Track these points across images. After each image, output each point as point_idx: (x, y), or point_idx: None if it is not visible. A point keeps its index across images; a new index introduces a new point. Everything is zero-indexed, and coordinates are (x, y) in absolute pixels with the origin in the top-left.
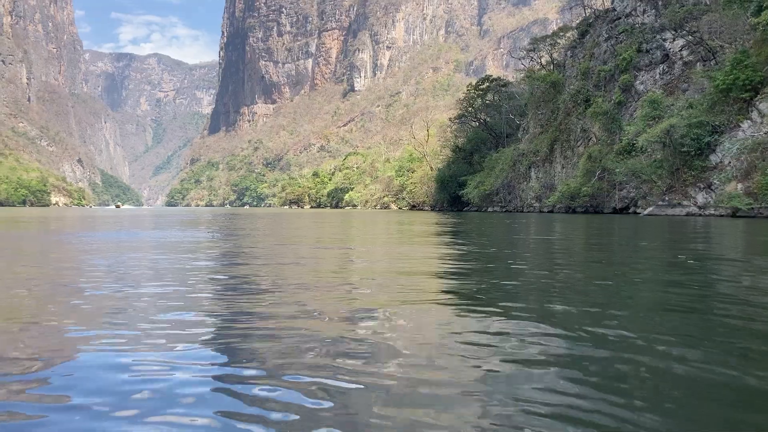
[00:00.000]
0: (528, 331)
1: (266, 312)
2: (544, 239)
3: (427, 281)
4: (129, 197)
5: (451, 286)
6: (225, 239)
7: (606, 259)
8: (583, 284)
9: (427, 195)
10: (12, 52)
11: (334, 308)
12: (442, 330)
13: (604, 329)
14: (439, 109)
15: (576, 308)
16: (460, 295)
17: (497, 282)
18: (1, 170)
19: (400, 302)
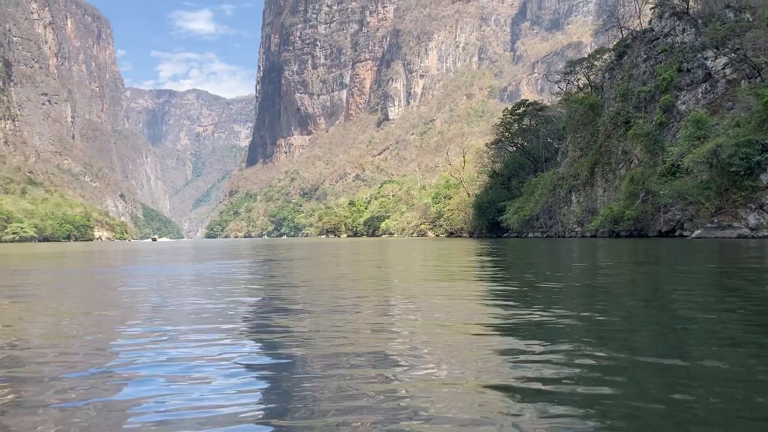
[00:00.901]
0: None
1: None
2: (611, 271)
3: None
4: (170, 230)
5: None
6: (269, 276)
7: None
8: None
9: (464, 221)
10: (57, 92)
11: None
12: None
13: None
14: (474, 136)
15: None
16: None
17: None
18: (47, 206)
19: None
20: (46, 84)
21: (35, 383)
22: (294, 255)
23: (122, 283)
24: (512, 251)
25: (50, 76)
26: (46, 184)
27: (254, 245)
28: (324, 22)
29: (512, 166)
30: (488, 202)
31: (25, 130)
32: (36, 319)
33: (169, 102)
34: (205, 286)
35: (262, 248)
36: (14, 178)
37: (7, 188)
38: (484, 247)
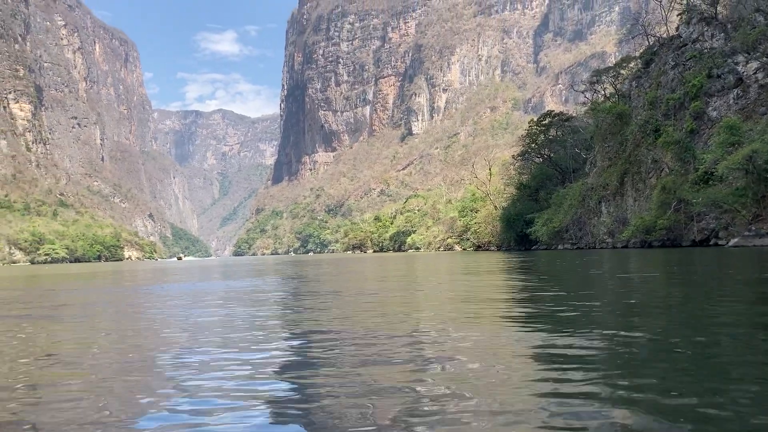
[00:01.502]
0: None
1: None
2: (659, 286)
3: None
4: (198, 249)
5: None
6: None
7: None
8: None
9: (492, 235)
10: (87, 115)
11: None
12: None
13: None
14: (499, 148)
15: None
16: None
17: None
18: (78, 227)
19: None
20: (76, 108)
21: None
22: (319, 273)
23: (153, 304)
24: (545, 264)
25: (80, 99)
26: (77, 205)
27: (280, 262)
28: (346, 39)
29: (539, 178)
30: (516, 214)
31: (56, 153)
32: (70, 338)
33: (195, 122)
34: (234, 305)
35: (288, 265)
36: (46, 201)
37: (39, 210)
38: (514, 261)
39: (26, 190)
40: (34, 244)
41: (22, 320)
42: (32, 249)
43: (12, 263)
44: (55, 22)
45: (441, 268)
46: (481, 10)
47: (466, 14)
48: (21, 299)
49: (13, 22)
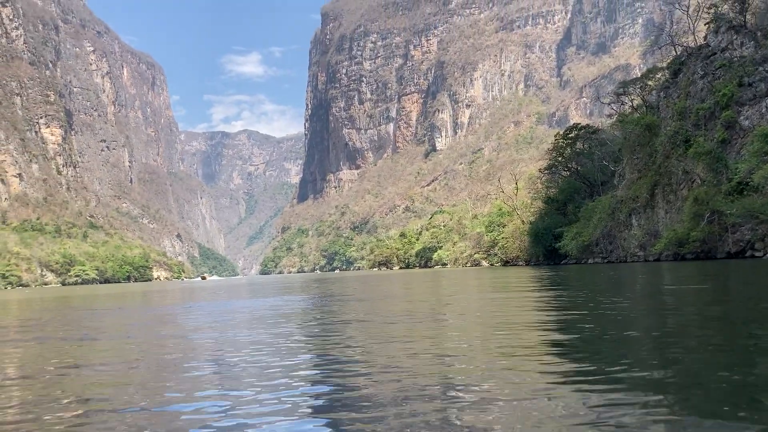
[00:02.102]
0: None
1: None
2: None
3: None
4: (225, 268)
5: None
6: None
7: None
8: None
9: (520, 249)
10: (115, 138)
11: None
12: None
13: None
14: (525, 162)
15: None
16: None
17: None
18: (108, 249)
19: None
20: (105, 131)
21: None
22: (345, 291)
23: (185, 329)
24: (581, 278)
25: (108, 123)
26: (106, 227)
27: (306, 280)
28: (369, 58)
29: (567, 191)
30: (544, 228)
31: (86, 176)
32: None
33: (221, 143)
34: (262, 327)
35: (314, 283)
36: (76, 223)
37: (69, 233)
38: (546, 276)
39: (57, 213)
40: (65, 265)
41: (58, 342)
42: (63, 270)
43: (44, 284)
44: (84, 48)
45: (469, 285)
46: (502, 25)
47: (488, 30)
48: (53, 322)
49: (44, 50)
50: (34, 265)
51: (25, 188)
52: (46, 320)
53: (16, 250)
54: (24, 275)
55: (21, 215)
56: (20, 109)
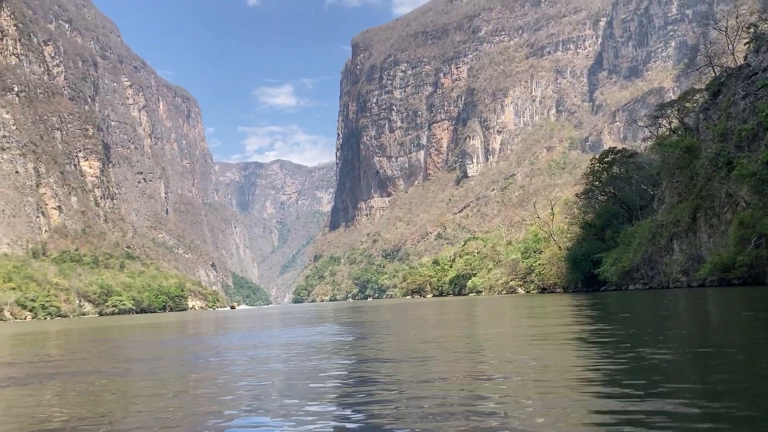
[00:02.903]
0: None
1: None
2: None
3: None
4: (258, 297)
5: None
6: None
7: None
8: None
9: (557, 276)
10: (152, 170)
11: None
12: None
13: None
14: (559, 188)
15: None
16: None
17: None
18: (144, 279)
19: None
20: (142, 163)
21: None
22: (377, 321)
23: (217, 361)
24: (628, 307)
25: (145, 155)
26: (143, 257)
27: (338, 309)
28: (399, 87)
29: (605, 216)
30: (582, 254)
31: (123, 207)
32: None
33: (255, 173)
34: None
35: (347, 312)
36: (113, 254)
37: (107, 263)
38: (588, 304)
39: (95, 244)
40: (102, 296)
41: (92, 376)
42: (101, 301)
43: (82, 315)
44: (122, 83)
45: (506, 314)
46: (532, 52)
47: (518, 57)
48: (90, 352)
49: (83, 85)
50: (72, 296)
51: (65, 220)
52: (96, 353)
53: (56, 281)
54: (63, 306)
55: (60, 246)
56: (60, 143)
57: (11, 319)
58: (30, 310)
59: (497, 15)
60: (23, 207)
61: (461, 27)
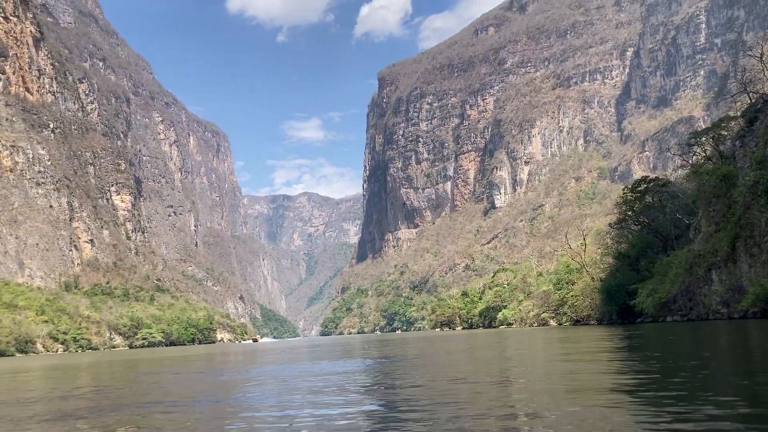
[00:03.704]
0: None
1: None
2: None
3: None
4: (286, 329)
5: None
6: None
7: None
8: None
9: (591, 308)
10: (182, 204)
11: None
12: None
13: None
14: (590, 218)
15: None
16: None
17: None
18: (173, 311)
19: None
20: (172, 197)
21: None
22: (405, 355)
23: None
24: (670, 341)
25: (175, 189)
26: (173, 290)
27: (366, 342)
28: (425, 119)
29: (639, 246)
30: (617, 285)
31: (154, 241)
32: None
33: (282, 206)
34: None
35: (375, 346)
36: (144, 286)
37: (137, 296)
38: (626, 337)
39: (126, 277)
40: (132, 328)
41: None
42: (131, 333)
43: (112, 347)
44: (153, 119)
45: (539, 348)
46: (559, 82)
47: (545, 87)
48: (122, 386)
49: (116, 121)
50: (103, 329)
51: (97, 253)
52: (129, 384)
53: (87, 314)
54: (94, 338)
55: (92, 279)
56: (93, 178)
57: (43, 352)
58: (62, 342)
59: (523, 47)
60: (57, 241)
61: (487, 59)
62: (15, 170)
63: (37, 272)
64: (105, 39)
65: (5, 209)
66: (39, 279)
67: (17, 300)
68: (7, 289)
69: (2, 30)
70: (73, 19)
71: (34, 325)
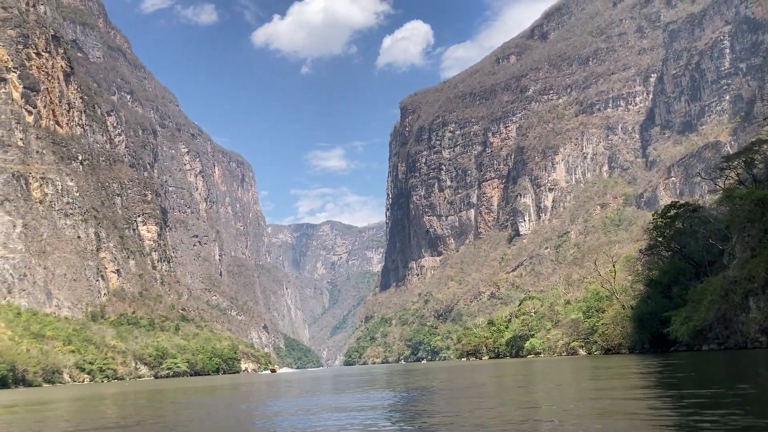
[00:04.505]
0: None
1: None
2: None
3: None
4: (309, 359)
5: None
6: None
7: None
8: None
9: (622, 336)
10: (207, 233)
11: None
12: None
13: None
14: (618, 245)
15: None
16: None
17: None
18: (198, 341)
19: None
20: (197, 227)
21: None
22: (434, 386)
23: None
24: (721, 374)
25: (200, 219)
26: (197, 319)
27: (390, 372)
28: (447, 147)
29: (671, 273)
30: (649, 313)
31: (179, 270)
32: None
33: (306, 234)
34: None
35: (400, 377)
36: (169, 316)
37: (162, 326)
38: (663, 369)
39: (151, 307)
40: (157, 358)
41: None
42: (156, 363)
43: (138, 377)
44: (179, 150)
45: (570, 381)
46: (582, 109)
47: (568, 114)
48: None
49: (143, 153)
50: (129, 359)
51: (123, 283)
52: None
53: (113, 344)
54: (119, 368)
55: (118, 309)
56: (120, 209)
57: (70, 382)
58: (88, 372)
59: (545, 74)
60: (84, 271)
61: (509, 87)
62: (44, 202)
63: (64, 302)
64: (133, 73)
65: (34, 240)
66: (66, 309)
67: (45, 330)
68: (35, 319)
69: (34, 65)
70: (102, 54)
71: (61, 355)
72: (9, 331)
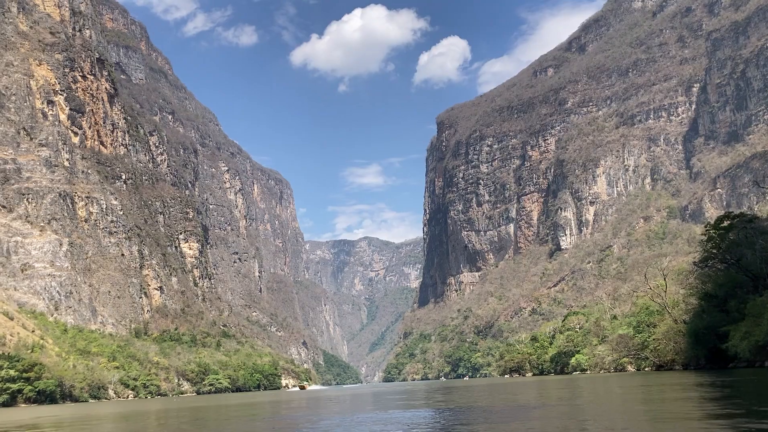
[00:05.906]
0: None
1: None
2: None
3: None
4: (348, 375)
5: None
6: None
7: None
8: None
9: (675, 352)
10: (246, 250)
11: None
12: None
13: None
14: (663, 258)
15: None
16: None
17: None
18: (239, 357)
19: None
20: (237, 244)
21: None
22: (480, 405)
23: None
24: None
25: (240, 236)
26: (238, 335)
27: (432, 390)
28: (485, 161)
29: (727, 286)
30: (705, 328)
31: (220, 287)
32: None
33: (343, 251)
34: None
35: (442, 396)
36: (210, 332)
37: (204, 342)
38: (733, 394)
39: (193, 323)
40: (200, 374)
41: None
42: (198, 379)
43: (180, 393)
44: (220, 168)
45: (627, 403)
46: (623, 121)
47: (608, 126)
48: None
49: (184, 171)
50: (172, 375)
51: (165, 300)
52: None
53: (156, 360)
54: (163, 384)
55: (161, 326)
56: (163, 227)
57: (114, 398)
58: (132, 388)
59: (583, 86)
60: (127, 288)
61: (547, 100)
62: (89, 220)
63: (108, 319)
64: (174, 93)
65: (80, 258)
66: (111, 326)
67: (90, 346)
68: (81, 335)
69: (80, 88)
70: (144, 76)
71: (106, 371)
72: (56, 347)
